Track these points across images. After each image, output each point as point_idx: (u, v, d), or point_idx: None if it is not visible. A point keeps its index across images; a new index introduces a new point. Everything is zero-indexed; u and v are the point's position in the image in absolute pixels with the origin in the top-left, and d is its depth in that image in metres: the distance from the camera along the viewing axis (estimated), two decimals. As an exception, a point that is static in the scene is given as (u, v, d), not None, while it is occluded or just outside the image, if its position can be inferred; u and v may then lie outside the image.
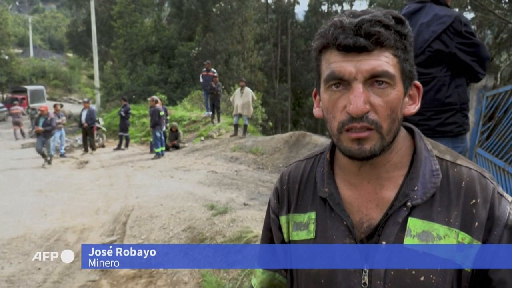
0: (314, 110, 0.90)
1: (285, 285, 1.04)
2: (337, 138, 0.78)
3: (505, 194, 0.79)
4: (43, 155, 10.85)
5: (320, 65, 0.81)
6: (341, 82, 0.75)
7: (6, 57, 38.39)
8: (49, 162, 10.95)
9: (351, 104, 0.73)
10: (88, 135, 13.00)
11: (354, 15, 0.75)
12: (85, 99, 13.97)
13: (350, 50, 0.74)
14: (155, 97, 11.86)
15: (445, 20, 2.21)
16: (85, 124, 12.65)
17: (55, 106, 13.14)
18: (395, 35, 0.75)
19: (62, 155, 12.47)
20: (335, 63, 0.76)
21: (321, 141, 10.45)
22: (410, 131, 0.89)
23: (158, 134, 11.17)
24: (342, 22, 0.74)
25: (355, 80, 0.74)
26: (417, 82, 0.84)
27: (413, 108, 0.84)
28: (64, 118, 13.11)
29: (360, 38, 0.72)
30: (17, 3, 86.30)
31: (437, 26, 2.22)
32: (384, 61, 0.74)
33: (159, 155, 11.14)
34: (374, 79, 0.74)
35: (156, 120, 11.14)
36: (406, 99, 0.82)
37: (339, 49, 0.75)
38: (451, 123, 2.28)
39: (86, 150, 13.01)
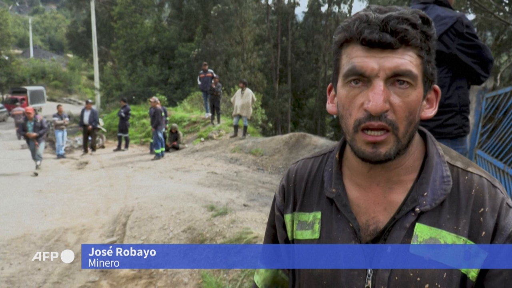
0: (327, 105, 0.88)
1: (288, 282, 1.03)
2: (352, 137, 0.76)
3: None
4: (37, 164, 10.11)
5: (340, 59, 0.78)
6: (361, 78, 0.73)
7: (6, 58, 38.43)
8: (38, 167, 10.13)
9: (370, 101, 0.71)
10: (90, 135, 13.06)
11: (381, 11, 0.73)
12: (89, 100, 14.01)
13: (375, 45, 0.71)
14: (156, 97, 11.90)
15: (447, 21, 2.21)
16: (90, 126, 12.66)
17: (58, 107, 13.10)
18: (421, 35, 0.73)
19: (62, 156, 12.48)
20: (357, 58, 0.73)
21: (321, 142, 10.45)
22: (422, 135, 0.87)
23: (160, 134, 11.20)
24: (368, 17, 0.72)
25: (376, 77, 0.71)
26: (436, 86, 0.82)
27: (430, 112, 0.82)
28: (67, 119, 13.11)
29: (386, 34, 0.70)
30: (17, 4, 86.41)
31: (439, 27, 2.21)
32: (408, 60, 0.72)
33: (159, 156, 11.15)
34: (396, 78, 0.72)
35: (158, 121, 11.17)
36: (424, 102, 0.80)
37: (363, 44, 0.72)
38: (450, 124, 2.28)
39: (86, 151, 13.02)
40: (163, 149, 11.44)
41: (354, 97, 0.74)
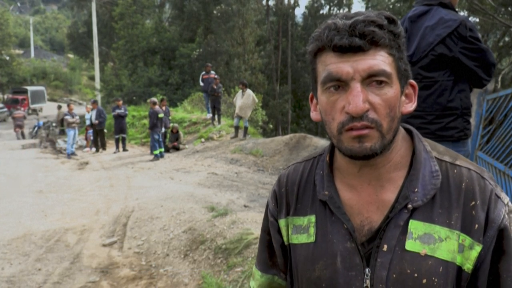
0: (311, 114, 0.90)
1: (284, 287, 1.03)
2: (338, 139, 0.78)
3: (502, 195, 0.80)
4: None
5: (316, 68, 0.81)
6: (339, 83, 0.76)
7: (7, 58, 38.51)
8: None
9: (350, 104, 0.73)
10: (99, 135, 13.52)
11: (347, 17, 0.76)
12: (93, 100, 14.42)
13: (346, 50, 0.74)
14: (154, 99, 11.91)
15: (450, 24, 2.20)
16: (96, 122, 13.13)
17: (68, 105, 13.58)
18: (389, 34, 0.76)
19: (73, 153, 12.77)
20: (331, 64, 0.76)
21: (321, 143, 10.45)
22: (409, 132, 0.89)
23: (156, 136, 11.19)
24: (336, 24, 0.75)
25: (352, 80, 0.74)
26: (412, 81, 0.85)
27: (410, 106, 0.84)
28: (77, 117, 13.28)
29: (355, 38, 0.73)
30: (19, 4, 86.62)
31: (442, 30, 2.21)
32: (380, 60, 0.75)
33: (157, 157, 11.12)
34: (371, 78, 0.75)
35: (154, 122, 11.17)
36: (403, 98, 0.82)
37: (335, 50, 0.75)
38: (452, 127, 2.27)
39: (97, 150, 13.52)
40: (162, 149, 11.41)
41: (334, 102, 0.77)
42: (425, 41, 2.26)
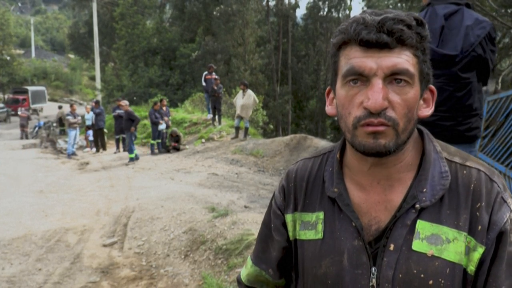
0: (326, 108, 0.90)
1: (272, 282, 1.03)
2: (352, 133, 0.77)
3: (509, 200, 0.79)
4: None
5: (338, 61, 0.80)
6: (360, 77, 0.75)
7: (8, 58, 38.54)
8: None
9: (369, 100, 0.73)
10: (98, 135, 13.69)
11: (377, 14, 0.75)
12: (95, 100, 14.48)
13: (372, 46, 0.74)
14: (126, 101, 11.93)
15: (485, 25, 2.22)
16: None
17: (71, 105, 13.71)
18: (416, 35, 0.75)
19: (73, 154, 12.81)
20: (355, 58, 0.75)
21: (322, 144, 10.45)
22: (420, 133, 0.88)
23: (134, 138, 11.21)
24: (364, 19, 0.74)
25: (375, 76, 0.74)
26: (432, 86, 0.84)
27: (427, 111, 0.84)
28: (79, 118, 13.31)
29: (383, 34, 0.73)
30: (19, 4, 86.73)
31: (480, 31, 2.22)
32: (404, 59, 0.74)
33: (133, 160, 10.93)
34: (394, 76, 0.74)
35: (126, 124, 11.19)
36: (421, 101, 0.82)
37: (361, 45, 0.75)
38: (475, 128, 2.30)
39: (97, 150, 13.74)
40: (133, 155, 11.09)
41: (353, 96, 0.76)
42: (467, 41, 2.23)
